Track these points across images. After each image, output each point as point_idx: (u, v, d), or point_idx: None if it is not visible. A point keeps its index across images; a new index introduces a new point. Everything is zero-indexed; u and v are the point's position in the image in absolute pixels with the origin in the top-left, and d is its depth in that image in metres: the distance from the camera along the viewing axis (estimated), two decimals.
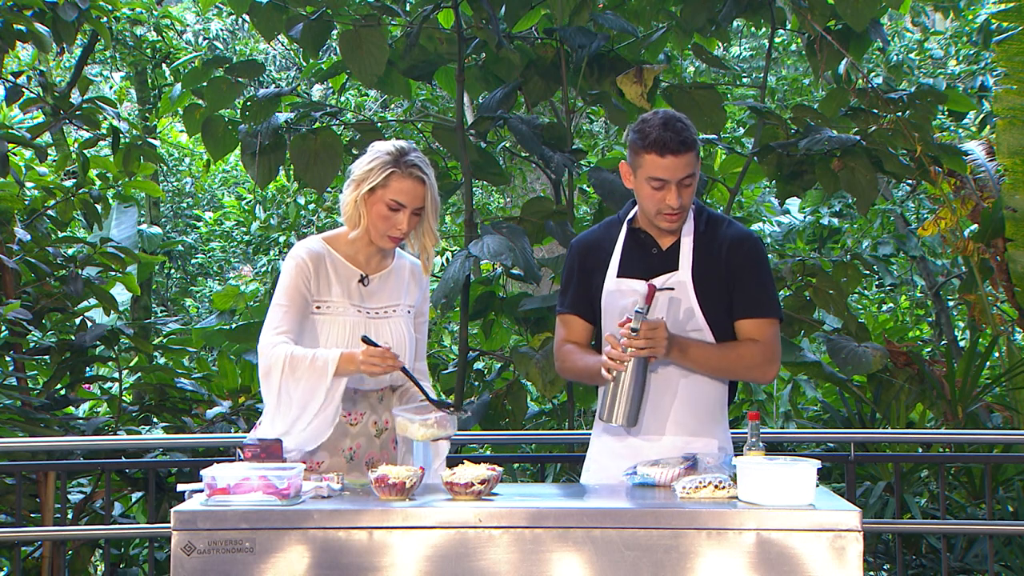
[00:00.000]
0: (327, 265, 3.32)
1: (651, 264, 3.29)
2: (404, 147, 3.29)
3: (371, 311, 3.33)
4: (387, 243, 3.31)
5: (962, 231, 7.21)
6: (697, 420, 3.26)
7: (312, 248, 3.34)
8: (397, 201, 3.24)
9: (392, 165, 3.24)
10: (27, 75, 7.74)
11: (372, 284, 3.35)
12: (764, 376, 3.32)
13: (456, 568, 2.70)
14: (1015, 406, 6.56)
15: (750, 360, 3.26)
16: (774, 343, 3.30)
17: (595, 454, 3.40)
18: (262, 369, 3.24)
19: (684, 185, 3.21)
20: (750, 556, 2.66)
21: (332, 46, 8.17)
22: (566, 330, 3.43)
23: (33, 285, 5.71)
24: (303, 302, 3.28)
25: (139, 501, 5.87)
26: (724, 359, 3.25)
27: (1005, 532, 5.39)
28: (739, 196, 8.80)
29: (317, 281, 3.29)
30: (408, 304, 3.40)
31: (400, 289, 3.39)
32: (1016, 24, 6.72)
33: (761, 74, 8.09)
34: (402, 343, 3.33)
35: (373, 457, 3.31)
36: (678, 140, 3.19)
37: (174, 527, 2.71)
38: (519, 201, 9.31)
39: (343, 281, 3.32)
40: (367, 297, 3.34)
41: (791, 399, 7.44)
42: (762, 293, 3.29)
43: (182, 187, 14.27)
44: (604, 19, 6.06)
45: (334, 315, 3.29)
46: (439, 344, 9.22)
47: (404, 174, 3.24)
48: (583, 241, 3.47)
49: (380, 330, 3.30)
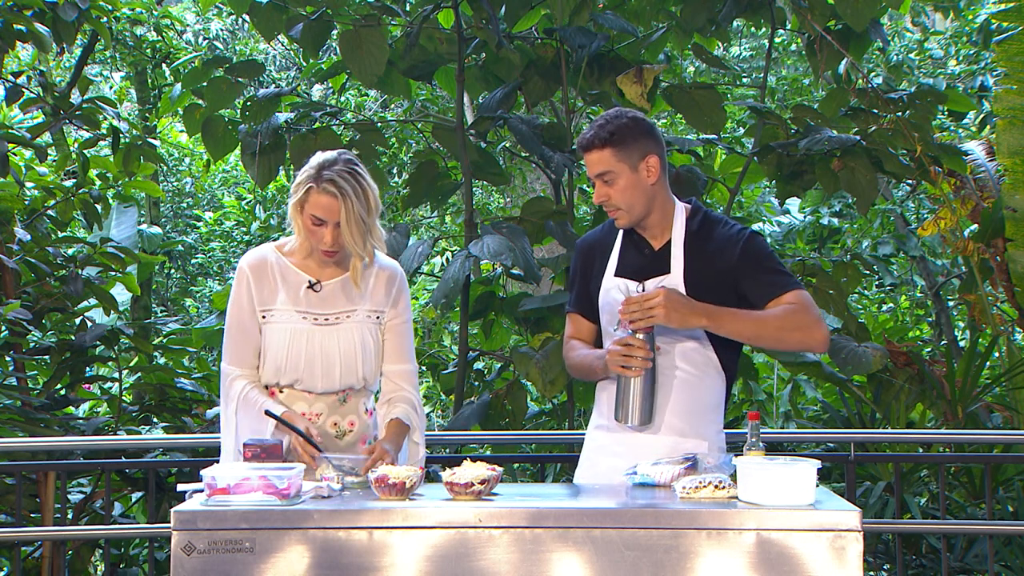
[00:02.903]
0: (273, 272, 3.31)
1: (645, 264, 3.30)
2: (327, 160, 3.24)
3: (320, 317, 3.30)
4: (321, 256, 3.28)
5: (962, 231, 7.21)
6: (691, 419, 3.26)
7: (257, 256, 3.33)
8: (316, 216, 3.21)
9: (311, 181, 3.21)
10: (27, 75, 7.74)
11: (325, 290, 3.32)
12: (813, 339, 3.17)
13: (456, 568, 2.70)
14: (1015, 406, 6.56)
15: (789, 321, 3.14)
16: (809, 305, 3.19)
17: (588, 452, 3.42)
18: (222, 393, 3.33)
19: (604, 181, 3.23)
20: (750, 556, 2.66)
21: (332, 46, 8.17)
22: (572, 328, 3.48)
23: (33, 285, 5.71)
24: (245, 315, 3.29)
25: (139, 501, 5.87)
26: (763, 323, 3.15)
27: (1005, 532, 5.39)
28: (739, 196, 8.80)
29: (260, 289, 3.29)
30: (371, 309, 3.35)
31: (362, 295, 3.34)
32: (1016, 24, 6.72)
33: (761, 74, 8.09)
34: (351, 350, 3.30)
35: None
36: (587, 137, 3.24)
37: (174, 527, 2.71)
38: (519, 201, 9.31)
39: (290, 288, 3.30)
40: (317, 303, 3.31)
41: (791, 399, 7.44)
42: (776, 275, 3.24)
43: (182, 187, 14.26)
44: (604, 19, 6.06)
45: (279, 323, 3.28)
46: (439, 344, 9.22)
47: (319, 190, 3.20)
48: (585, 242, 3.50)
49: (327, 338, 3.28)
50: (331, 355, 3.28)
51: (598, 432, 3.38)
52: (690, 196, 5.63)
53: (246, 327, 3.30)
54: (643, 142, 3.24)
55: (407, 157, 9.82)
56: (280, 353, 3.27)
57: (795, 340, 3.21)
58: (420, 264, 5.63)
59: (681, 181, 5.75)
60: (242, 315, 3.30)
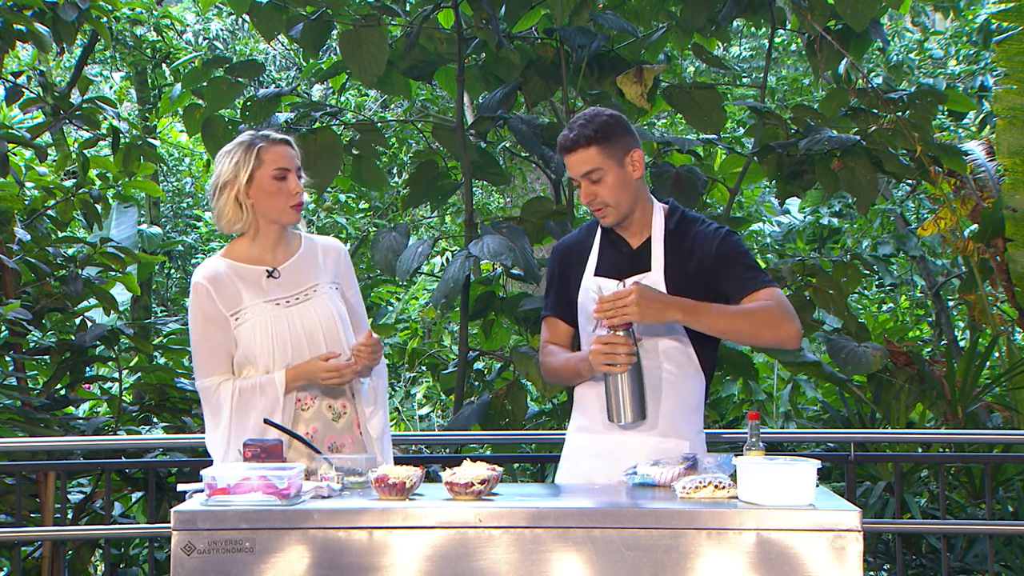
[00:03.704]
0: (229, 277, 3.32)
1: (624, 263, 3.32)
2: (249, 134, 3.36)
3: (288, 299, 3.33)
4: (292, 216, 3.33)
5: (962, 231, 7.21)
6: (673, 419, 3.26)
7: (208, 268, 3.35)
8: (280, 168, 3.29)
9: (252, 148, 3.30)
10: (27, 75, 7.74)
11: (284, 275, 3.36)
12: (786, 334, 3.18)
13: (456, 568, 2.70)
14: (1015, 406, 6.56)
15: (764, 317, 3.16)
16: (783, 301, 3.21)
17: (568, 452, 3.43)
18: (208, 410, 3.29)
19: (592, 180, 3.24)
20: (750, 556, 2.66)
21: (332, 46, 8.17)
22: (549, 332, 3.46)
23: (33, 285, 5.71)
24: (212, 326, 3.29)
25: (139, 501, 5.87)
26: (739, 318, 3.16)
27: (1005, 532, 5.39)
28: (739, 196, 8.80)
29: (222, 296, 3.30)
30: (330, 280, 3.41)
31: (314, 269, 3.40)
32: (1016, 24, 6.72)
33: (761, 74, 8.09)
34: (330, 320, 3.34)
35: (335, 442, 3.34)
36: (570, 138, 3.24)
37: (174, 527, 2.71)
38: (519, 201, 9.31)
39: (251, 284, 3.33)
40: (280, 288, 3.34)
41: (791, 399, 7.44)
42: (752, 271, 3.27)
43: (182, 187, 14.25)
44: (604, 19, 6.06)
45: (252, 318, 3.30)
46: (439, 344, 9.22)
47: (269, 145, 3.30)
48: (562, 245, 3.51)
49: (304, 314, 3.32)
50: (313, 328, 3.31)
51: (579, 434, 3.39)
52: (690, 196, 5.70)
53: (214, 338, 3.30)
54: (625, 138, 3.27)
55: (407, 157, 9.83)
56: (264, 343, 3.27)
57: (769, 335, 3.21)
58: (420, 264, 5.63)
59: (681, 181, 5.75)
60: (208, 327, 3.30)
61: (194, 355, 3.34)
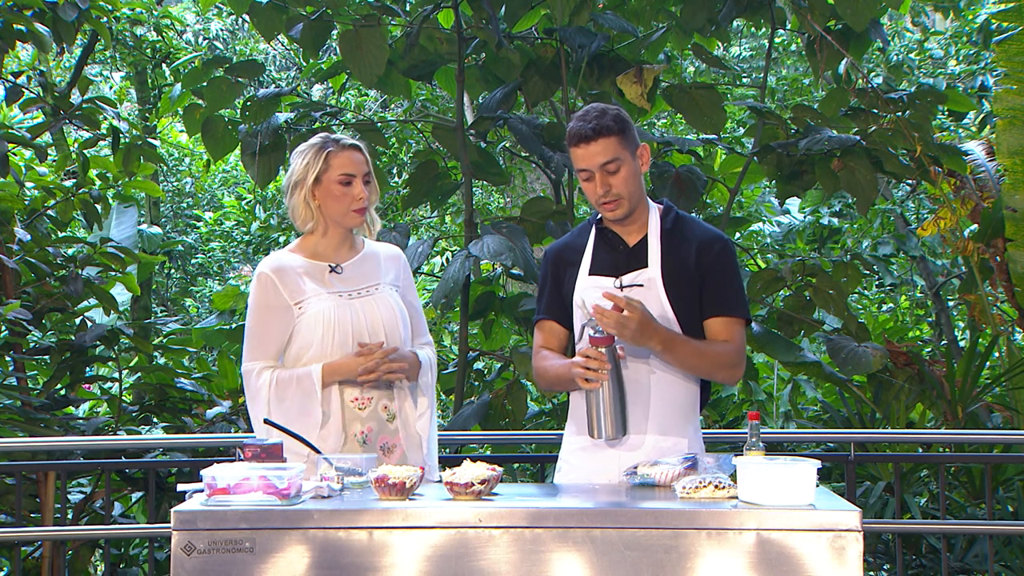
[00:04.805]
0: (294, 269, 3.40)
1: (620, 261, 3.32)
2: (323, 136, 3.46)
3: (351, 293, 3.40)
4: (355, 219, 3.41)
5: (962, 231, 7.21)
6: (668, 420, 3.27)
7: (274, 259, 3.45)
8: (346, 174, 3.37)
9: (323, 151, 3.39)
10: (27, 75, 7.73)
11: (346, 271, 3.44)
12: (733, 377, 3.35)
13: (456, 568, 2.70)
14: (1015, 406, 6.56)
15: (726, 359, 3.27)
16: (742, 345, 3.33)
17: (566, 454, 3.42)
18: (248, 393, 3.38)
19: (608, 171, 3.24)
20: (750, 556, 2.66)
21: (332, 46, 8.17)
22: (542, 336, 3.46)
23: (33, 285, 5.70)
24: (274, 316, 3.36)
25: (139, 501, 5.87)
26: (704, 357, 3.25)
27: (1005, 532, 5.39)
28: (739, 196, 8.79)
29: (287, 286, 3.38)
30: (391, 282, 3.48)
31: (376, 270, 3.48)
32: (1016, 24, 6.72)
33: (761, 74, 8.09)
34: (392, 316, 3.41)
35: (387, 442, 3.39)
36: (588, 128, 3.24)
37: (174, 527, 2.71)
38: (519, 201, 9.31)
39: (315, 276, 3.41)
40: (343, 283, 3.42)
41: (791, 399, 7.44)
42: (732, 293, 3.30)
43: (182, 187, 14.26)
44: (604, 19, 6.06)
45: (316, 307, 3.36)
46: (439, 344, 9.22)
47: (339, 150, 3.39)
48: (555, 247, 3.51)
49: (366, 306, 3.39)
50: (375, 322, 3.38)
51: (574, 436, 3.39)
52: (690, 196, 5.71)
53: (269, 325, 3.38)
54: (635, 132, 3.32)
55: (407, 157, 9.82)
56: (327, 332, 3.34)
57: (721, 375, 3.34)
58: (420, 264, 5.63)
59: (681, 181, 5.75)
60: (266, 315, 3.38)
61: (246, 340, 3.44)
